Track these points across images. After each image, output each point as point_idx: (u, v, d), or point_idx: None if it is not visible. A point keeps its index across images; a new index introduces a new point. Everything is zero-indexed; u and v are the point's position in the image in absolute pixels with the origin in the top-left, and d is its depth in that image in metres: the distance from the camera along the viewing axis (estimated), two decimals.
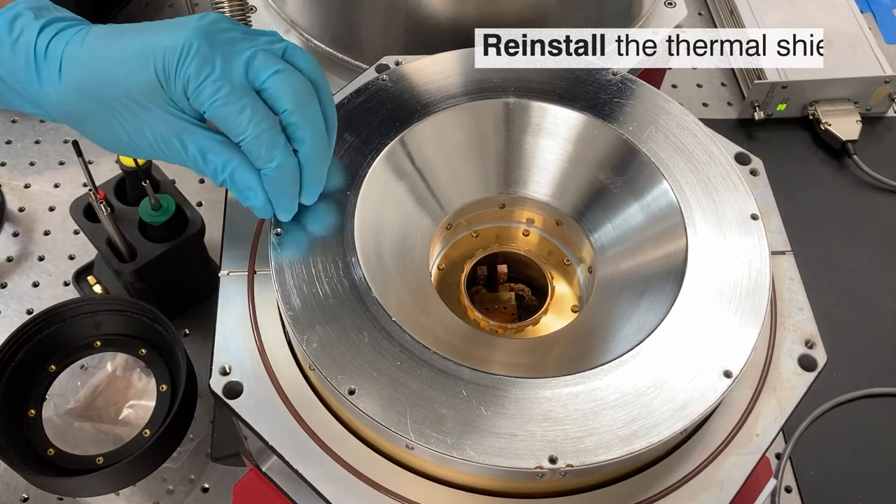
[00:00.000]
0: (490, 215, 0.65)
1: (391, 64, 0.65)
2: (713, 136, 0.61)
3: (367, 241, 0.55)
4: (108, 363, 0.72)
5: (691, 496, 0.51)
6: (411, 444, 0.46)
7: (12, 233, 0.96)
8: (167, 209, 0.77)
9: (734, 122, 1.10)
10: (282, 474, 0.61)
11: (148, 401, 0.70)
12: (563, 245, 0.65)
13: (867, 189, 1.05)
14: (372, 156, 0.58)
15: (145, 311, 0.70)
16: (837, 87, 1.07)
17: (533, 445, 0.46)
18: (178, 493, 0.76)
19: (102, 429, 0.70)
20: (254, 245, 0.58)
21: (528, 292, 0.65)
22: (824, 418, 0.85)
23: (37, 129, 1.05)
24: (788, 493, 0.81)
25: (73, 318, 0.72)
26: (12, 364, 0.69)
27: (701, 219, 0.56)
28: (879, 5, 1.24)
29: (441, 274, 0.64)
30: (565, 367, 0.51)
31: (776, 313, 0.57)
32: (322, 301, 0.51)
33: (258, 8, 0.83)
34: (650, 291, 0.55)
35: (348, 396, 0.47)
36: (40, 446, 0.67)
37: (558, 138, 0.62)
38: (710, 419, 0.53)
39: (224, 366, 0.53)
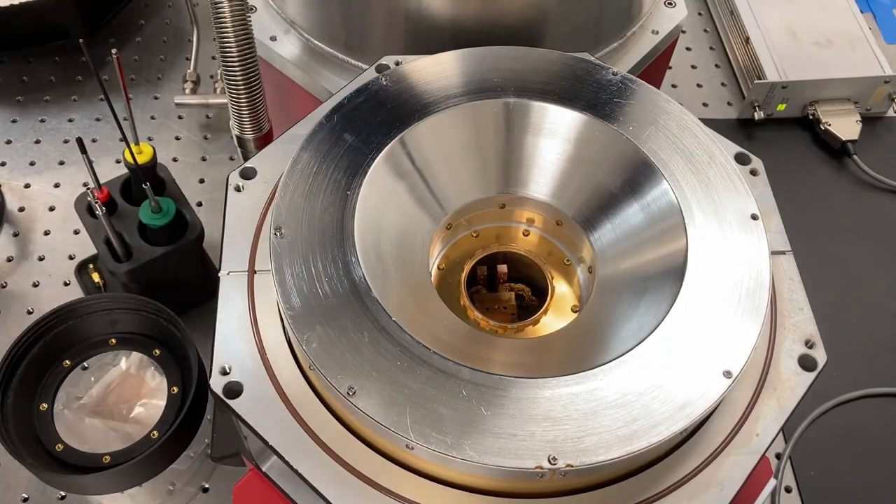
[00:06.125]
0: (490, 215, 0.65)
1: (391, 64, 0.65)
2: (713, 136, 0.61)
3: (367, 241, 0.55)
4: (122, 360, 0.73)
5: (691, 496, 0.51)
6: (411, 443, 0.46)
7: (12, 233, 0.96)
8: (167, 212, 0.77)
9: (734, 122, 1.10)
10: (282, 474, 0.61)
11: (159, 400, 0.71)
12: (563, 245, 0.65)
13: (867, 189, 1.05)
14: (372, 156, 0.58)
15: (161, 311, 0.71)
16: (837, 87, 1.07)
17: (533, 445, 0.46)
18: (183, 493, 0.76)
19: (113, 426, 0.70)
20: (254, 245, 0.58)
21: (528, 292, 0.65)
22: (824, 418, 0.85)
23: (37, 129, 1.05)
24: (788, 493, 0.81)
25: (90, 315, 0.72)
26: (27, 357, 0.70)
27: (701, 219, 0.56)
28: (879, 5, 1.24)
29: (441, 274, 0.64)
30: (565, 367, 0.51)
31: (776, 313, 0.57)
32: (322, 301, 0.51)
33: (258, 8, 0.83)
34: (650, 291, 0.55)
35: (348, 396, 0.47)
36: (49, 441, 0.68)
37: (558, 138, 0.62)
38: (710, 419, 0.53)
39: (224, 366, 0.53)
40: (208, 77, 1.09)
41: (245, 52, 0.66)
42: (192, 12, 1.10)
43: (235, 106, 0.70)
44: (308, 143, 0.58)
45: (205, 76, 1.09)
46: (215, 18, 0.64)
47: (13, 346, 0.68)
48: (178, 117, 1.08)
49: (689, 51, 1.19)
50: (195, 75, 1.08)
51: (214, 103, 1.05)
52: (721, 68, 1.17)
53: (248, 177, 0.61)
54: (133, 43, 1.14)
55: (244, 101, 0.69)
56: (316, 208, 0.55)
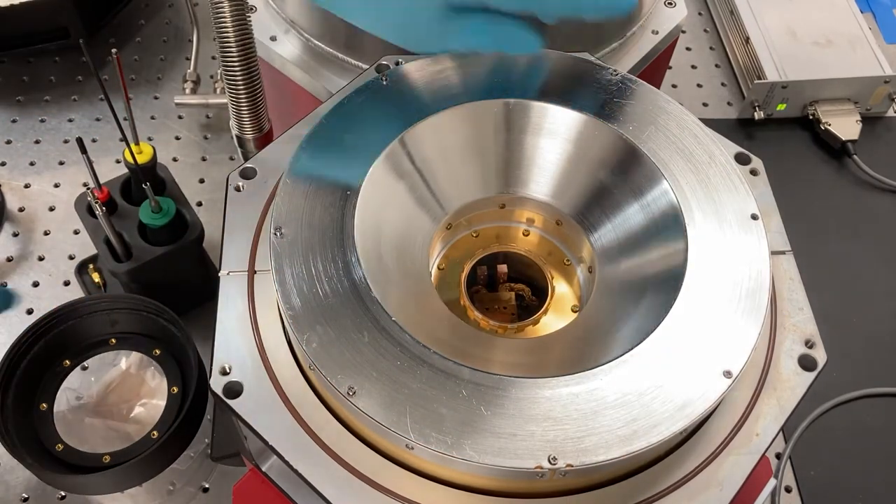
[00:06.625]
0: (490, 215, 0.65)
1: (391, 64, 0.65)
2: (713, 136, 0.61)
3: (367, 241, 0.55)
4: (122, 360, 0.73)
5: (691, 496, 0.51)
6: (411, 443, 0.46)
7: (12, 233, 0.96)
8: (167, 212, 0.77)
9: (734, 122, 1.10)
10: (282, 474, 0.61)
11: (160, 400, 0.71)
12: (563, 245, 0.65)
13: (867, 189, 1.05)
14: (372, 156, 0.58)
15: (161, 311, 0.71)
16: (837, 87, 1.07)
17: (533, 445, 0.46)
18: (183, 493, 0.76)
19: (112, 426, 0.70)
20: (254, 245, 0.58)
21: (528, 292, 0.65)
22: (824, 418, 0.85)
23: (37, 129, 1.05)
24: (788, 493, 0.81)
25: (90, 315, 0.72)
26: (27, 357, 0.70)
27: (701, 219, 0.56)
28: (879, 5, 1.24)
29: (441, 274, 0.64)
30: (565, 367, 0.51)
31: (776, 313, 0.57)
32: (322, 301, 0.51)
33: (258, 8, 0.83)
34: (650, 291, 0.55)
35: (348, 396, 0.47)
36: (49, 441, 0.68)
37: (558, 138, 0.62)
38: (710, 419, 0.53)
39: (224, 366, 0.53)
40: (208, 77, 1.09)
41: (245, 52, 0.66)
42: (192, 12, 1.10)
43: (235, 106, 0.70)
44: (308, 142, 0.58)
45: (205, 76, 1.09)
46: (215, 18, 0.64)
47: (13, 346, 0.69)
48: (178, 117, 1.08)
49: (689, 51, 1.19)
50: (195, 75, 1.08)
51: (214, 103, 1.05)
52: (721, 68, 1.17)
53: (248, 177, 0.61)
54: (133, 43, 1.14)
55: (244, 101, 0.69)
56: (316, 208, 0.55)
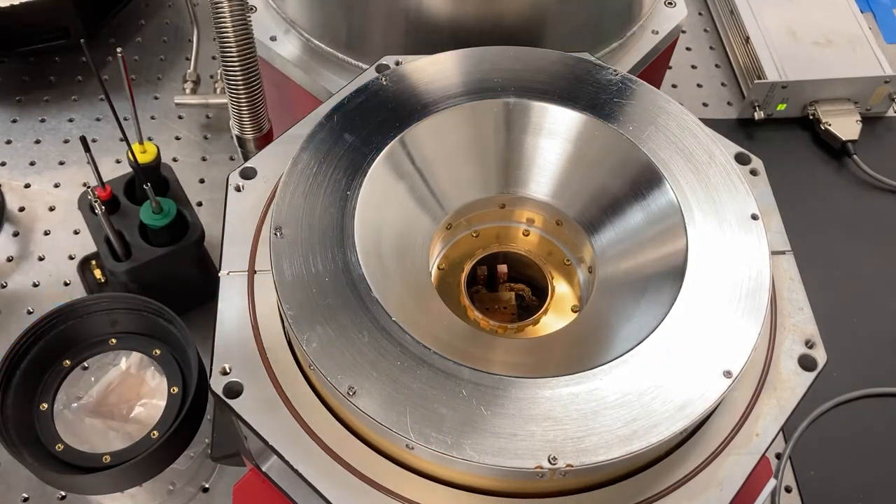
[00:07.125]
0: (490, 215, 0.65)
1: (391, 64, 0.65)
2: (713, 136, 0.61)
3: (367, 241, 0.55)
4: (122, 360, 0.73)
5: (691, 496, 0.51)
6: (411, 443, 0.46)
7: (12, 233, 0.96)
8: (168, 213, 0.77)
9: (734, 122, 1.10)
10: (282, 474, 0.61)
11: (160, 400, 0.71)
12: (563, 245, 0.65)
13: (867, 189, 1.05)
14: (372, 156, 0.58)
15: (161, 311, 0.71)
16: (837, 87, 1.07)
17: (533, 445, 0.46)
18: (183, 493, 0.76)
19: (112, 426, 0.70)
20: (254, 245, 0.58)
21: (528, 292, 0.65)
22: (824, 418, 0.85)
23: (37, 129, 1.05)
24: (788, 493, 0.81)
25: (90, 315, 0.72)
26: (27, 358, 0.70)
27: (701, 219, 0.56)
28: (879, 5, 1.24)
29: (441, 274, 0.64)
30: (565, 367, 0.51)
31: (776, 313, 0.57)
32: (322, 301, 0.51)
33: (258, 8, 0.83)
34: (650, 291, 0.55)
35: (348, 396, 0.47)
36: (49, 441, 0.68)
37: (558, 138, 0.62)
38: (710, 419, 0.53)
39: (224, 366, 0.53)
40: (208, 77, 1.09)
41: (245, 52, 0.66)
42: (192, 12, 1.10)
43: (235, 106, 0.70)
44: (308, 143, 0.58)
45: (205, 76, 1.09)
46: (215, 18, 0.64)
47: (13, 346, 0.68)
48: (178, 117, 1.08)
49: (689, 51, 1.19)
50: (195, 75, 1.08)
51: (214, 103, 1.05)
52: (721, 68, 1.17)
53: (248, 177, 0.61)
54: (133, 43, 1.14)
55: (244, 101, 0.69)
56: (316, 208, 0.55)
